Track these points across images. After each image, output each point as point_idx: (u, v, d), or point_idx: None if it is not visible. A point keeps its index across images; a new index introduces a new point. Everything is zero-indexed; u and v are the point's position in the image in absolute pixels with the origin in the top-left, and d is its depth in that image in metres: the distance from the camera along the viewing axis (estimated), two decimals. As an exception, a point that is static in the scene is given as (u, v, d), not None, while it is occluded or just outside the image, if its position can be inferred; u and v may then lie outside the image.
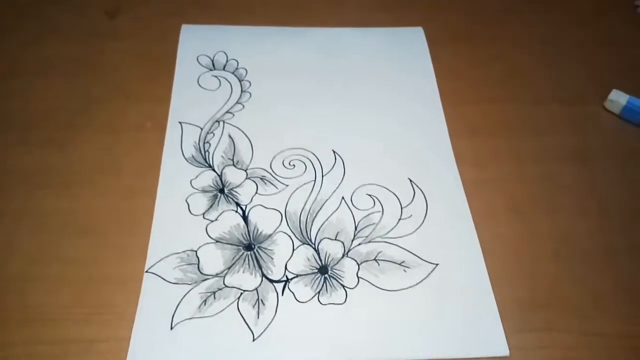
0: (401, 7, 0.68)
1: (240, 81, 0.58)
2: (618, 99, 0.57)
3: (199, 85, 0.57)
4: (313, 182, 0.50)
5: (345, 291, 0.43)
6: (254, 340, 0.41)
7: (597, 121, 0.57)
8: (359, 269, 0.45)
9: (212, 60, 0.60)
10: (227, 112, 0.55)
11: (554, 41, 0.65)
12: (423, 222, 0.48)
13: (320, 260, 0.45)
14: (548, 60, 0.63)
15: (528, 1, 0.70)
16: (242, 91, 0.57)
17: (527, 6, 0.69)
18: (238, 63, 0.60)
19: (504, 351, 0.41)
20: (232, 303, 0.42)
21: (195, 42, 0.61)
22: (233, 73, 0.59)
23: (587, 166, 0.53)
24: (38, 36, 0.61)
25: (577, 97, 0.59)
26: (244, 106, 0.56)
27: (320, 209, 0.48)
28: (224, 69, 0.59)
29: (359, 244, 0.46)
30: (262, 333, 0.41)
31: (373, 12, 0.67)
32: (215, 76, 0.58)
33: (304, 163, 0.52)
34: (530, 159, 0.54)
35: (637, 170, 0.54)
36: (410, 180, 0.51)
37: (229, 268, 0.44)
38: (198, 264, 0.44)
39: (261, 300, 0.43)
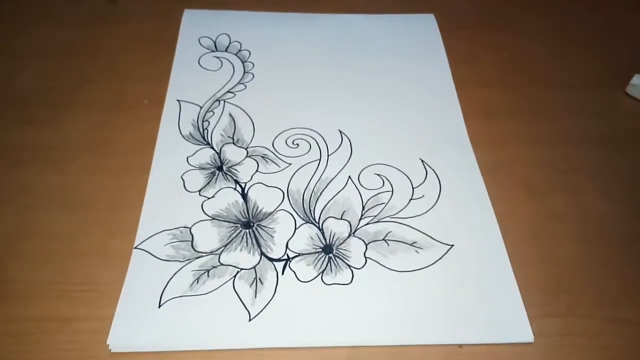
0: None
1: (243, 62, 0.55)
2: (641, 83, 0.54)
3: (200, 65, 0.55)
4: (318, 161, 0.47)
5: (352, 271, 0.40)
6: (250, 320, 0.37)
7: (618, 106, 0.54)
8: (366, 249, 0.41)
9: (215, 42, 0.57)
10: (229, 91, 0.52)
11: (567, 30, 0.63)
12: (436, 202, 0.44)
13: (325, 239, 0.42)
14: (561, 48, 0.60)
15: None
16: (244, 72, 0.54)
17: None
18: (241, 45, 0.57)
19: (528, 337, 0.37)
20: (227, 281, 0.39)
21: (198, 25, 0.59)
22: (236, 55, 0.56)
23: (608, 150, 0.50)
24: (36, 19, 0.60)
25: (595, 83, 0.56)
26: (246, 86, 0.53)
27: (325, 188, 0.45)
28: (226, 50, 0.57)
29: (367, 224, 0.43)
30: (259, 313, 0.37)
31: (382, 1, 0.65)
32: (217, 57, 0.56)
33: (309, 142, 0.48)
34: (548, 142, 0.50)
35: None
36: (422, 161, 0.47)
37: (225, 246, 0.41)
38: (192, 241, 0.41)
39: (259, 279, 0.39)
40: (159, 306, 0.37)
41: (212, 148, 0.47)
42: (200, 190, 0.44)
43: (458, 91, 0.54)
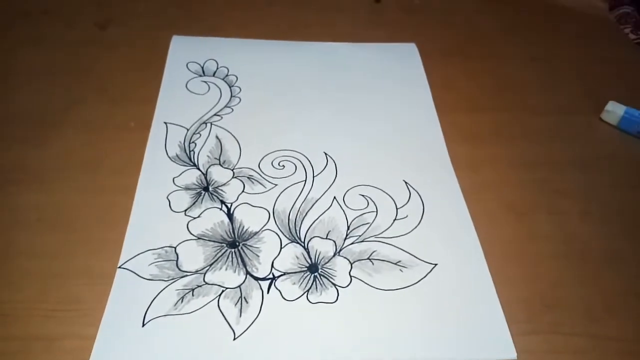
0: (393, 25, 0.68)
1: (230, 87, 0.56)
2: (615, 109, 0.56)
3: (188, 89, 0.56)
4: (303, 182, 0.48)
5: (337, 290, 0.40)
6: (234, 339, 0.37)
7: (593, 131, 0.56)
8: (351, 268, 0.41)
9: (202, 67, 0.58)
10: (216, 114, 0.53)
11: (545, 59, 0.65)
12: (420, 222, 0.45)
13: (310, 258, 0.42)
14: (540, 75, 0.63)
15: (518, 21, 0.71)
16: (231, 96, 0.55)
17: (517, 26, 0.70)
18: (228, 70, 0.58)
19: (511, 354, 0.37)
20: (212, 300, 0.39)
21: (186, 51, 0.60)
22: (223, 79, 0.57)
23: (586, 173, 0.52)
24: (26, 43, 0.60)
25: (572, 109, 0.59)
26: (233, 110, 0.54)
27: (311, 208, 0.45)
28: (213, 75, 0.58)
29: (352, 243, 0.43)
30: (244, 332, 0.37)
31: (366, 29, 0.67)
32: (205, 81, 0.57)
33: (294, 164, 0.49)
34: (527, 165, 0.52)
35: (638, 178, 0.52)
36: (406, 182, 0.48)
37: (211, 265, 0.41)
38: (177, 261, 0.41)
39: (244, 298, 0.39)
40: (143, 325, 0.37)
41: (199, 169, 0.48)
42: (185, 211, 0.44)
43: (439, 116, 0.55)
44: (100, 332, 0.36)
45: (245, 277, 0.40)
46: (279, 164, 0.49)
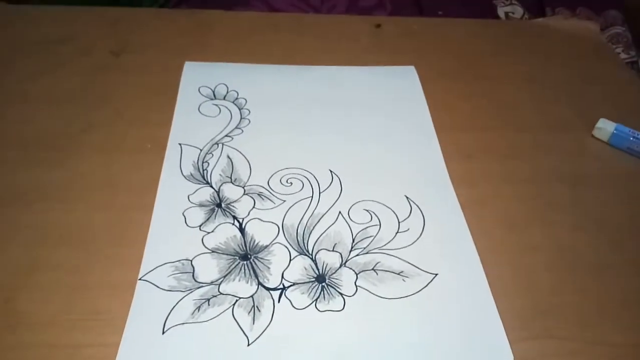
0: (392, 49, 0.71)
1: (239, 109, 0.60)
2: (606, 126, 0.59)
3: (200, 112, 0.59)
4: (310, 198, 0.50)
5: (344, 299, 0.42)
6: (248, 345, 0.39)
7: (586, 147, 0.59)
8: (357, 278, 0.44)
9: (213, 91, 0.62)
10: (226, 135, 0.56)
11: (539, 79, 0.68)
12: (420, 235, 0.48)
13: (318, 269, 0.45)
14: (534, 96, 0.66)
15: (513, 45, 0.74)
16: (241, 118, 0.59)
17: (512, 49, 0.73)
18: (238, 94, 0.62)
19: (509, 358, 0.40)
20: (226, 309, 0.41)
21: (198, 76, 0.64)
22: (233, 102, 0.61)
23: (578, 188, 0.54)
24: (45, 70, 0.64)
25: (565, 127, 0.61)
26: (242, 131, 0.57)
27: (318, 222, 0.48)
28: (224, 98, 0.61)
29: (357, 255, 0.46)
30: (257, 338, 0.39)
31: (367, 53, 0.70)
32: (216, 104, 0.60)
33: (301, 181, 0.52)
34: (523, 181, 0.54)
35: (629, 192, 0.54)
36: (407, 197, 0.51)
37: (225, 276, 0.43)
38: (193, 273, 0.43)
39: (257, 307, 0.41)
40: (163, 332, 0.39)
41: (212, 187, 0.51)
42: (200, 226, 0.47)
43: (438, 135, 0.58)
44: (124, 340, 0.39)
45: (257, 288, 0.43)
46: (286, 181, 0.52)
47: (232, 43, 0.70)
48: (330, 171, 0.53)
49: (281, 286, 0.43)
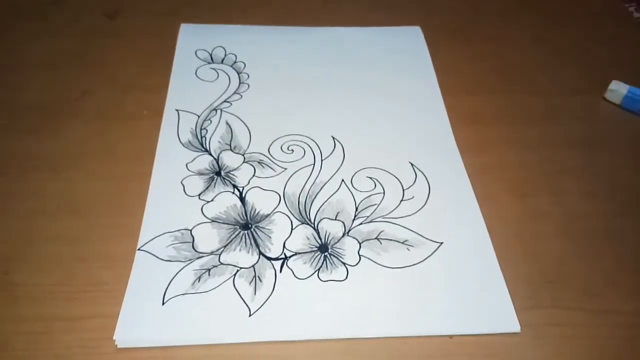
0: (397, 8, 0.68)
1: (238, 73, 0.58)
2: (619, 88, 0.57)
3: (197, 76, 0.57)
4: (312, 165, 0.49)
5: (347, 268, 0.42)
6: (250, 315, 0.38)
7: (597, 111, 0.57)
8: (360, 247, 0.43)
9: (211, 55, 0.60)
10: (225, 101, 0.55)
11: (548, 40, 0.66)
12: (425, 203, 0.47)
13: (320, 239, 0.44)
14: (544, 57, 0.63)
15: (521, 4, 0.71)
16: (240, 82, 0.57)
17: (520, 8, 0.70)
18: (236, 57, 0.60)
19: (515, 327, 0.39)
20: (227, 280, 0.40)
21: (194, 39, 0.61)
22: (231, 66, 0.59)
23: (589, 152, 0.53)
24: (36, 34, 0.62)
25: (575, 89, 0.59)
26: (241, 96, 0.55)
27: (320, 190, 0.47)
28: (222, 62, 0.59)
29: (360, 224, 0.45)
30: (259, 308, 0.39)
31: (370, 13, 0.67)
32: (214, 69, 0.58)
33: (303, 148, 0.51)
34: (532, 146, 0.53)
35: (640, 156, 0.53)
36: (412, 164, 0.50)
37: (225, 246, 0.42)
38: (192, 243, 0.43)
39: (258, 277, 0.41)
40: (163, 303, 0.39)
41: (211, 155, 0.49)
42: (199, 195, 0.46)
43: (444, 99, 0.56)
44: (123, 311, 0.38)
45: (259, 258, 0.42)
46: (288, 149, 0.50)
47: (230, 4, 0.67)
48: (333, 138, 0.52)
49: (283, 256, 0.42)
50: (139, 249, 0.42)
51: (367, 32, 0.64)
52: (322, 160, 0.49)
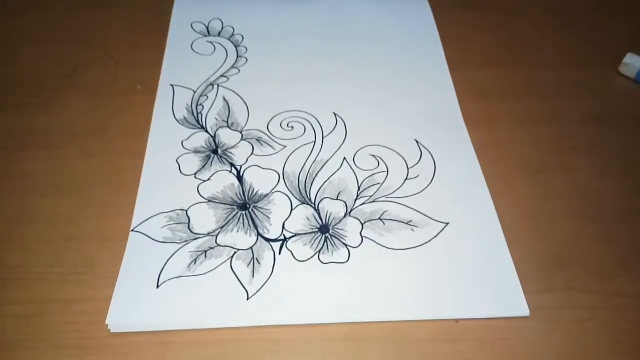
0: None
1: (236, 47, 0.55)
2: (633, 62, 0.54)
3: (193, 50, 0.55)
4: (313, 143, 0.47)
5: (348, 250, 0.40)
6: (247, 299, 0.37)
7: (611, 84, 0.55)
8: (362, 228, 0.41)
9: (207, 27, 0.57)
10: (222, 75, 0.52)
11: (560, 10, 0.63)
12: (431, 182, 0.45)
13: (321, 219, 0.42)
14: (554, 28, 0.60)
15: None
16: (237, 56, 0.54)
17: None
18: (234, 29, 0.57)
19: (524, 311, 0.37)
20: (224, 262, 0.39)
21: (190, 10, 0.59)
22: (229, 39, 0.56)
23: (602, 128, 0.50)
24: (27, 7, 0.59)
25: (588, 62, 0.57)
26: (239, 70, 0.53)
27: (321, 169, 0.45)
28: (219, 35, 0.57)
29: (363, 204, 0.43)
30: (257, 292, 0.37)
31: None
32: (210, 42, 0.56)
33: (303, 125, 0.49)
34: (542, 121, 0.51)
35: (656, 132, 0.51)
36: (417, 141, 0.47)
37: (222, 227, 0.41)
38: (188, 223, 0.41)
39: (256, 259, 0.39)
40: (157, 286, 0.37)
41: (207, 132, 0.48)
42: (195, 174, 0.44)
43: (451, 73, 0.54)
44: (116, 294, 0.37)
45: (257, 239, 0.40)
46: (287, 125, 0.48)
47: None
48: (335, 114, 0.49)
49: (282, 237, 0.40)
50: (132, 230, 0.40)
51: (370, 2, 0.61)
52: (323, 138, 0.47)
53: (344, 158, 0.46)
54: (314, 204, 0.43)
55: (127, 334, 0.35)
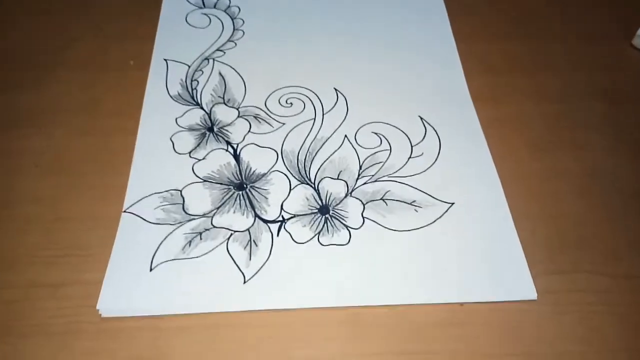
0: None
1: (232, 19, 0.53)
2: (648, 34, 0.52)
3: (187, 23, 0.52)
4: (313, 120, 0.45)
5: (349, 232, 0.38)
6: (245, 282, 0.36)
7: (624, 58, 0.52)
8: (364, 209, 0.40)
9: (202, -1, 0.55)
10: (218, 49, 0.50)
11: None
12: (436, 160, 0.43)
13: (321, 200, 0.40)
14: (565, 1, 0.58)
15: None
16: (234, 29, 0.52)
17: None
18: (230, 1, 0.55)
19: (531, 294, 0.36)
20: (220, 244, 0.37)
21: (184, -18, 0.56)
22: (225, 11, 0.54)
23: (614, 104, 0.48)
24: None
25: (600, 35, 0.54)
26: (236, 44, 0.51)
27: (321, 147, 0.43)
28: (214, 7, 0.54)
29: (364, 184, 0.41)
30: (254, 275, 0.36)
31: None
32: (205, 14, 0.53)
33: (303, 101, 0.47)
34: (551, 96, 0.49)
35: (671, 109, 0.49)
36: (421, 118, 0.46)
37: (218, 208, 0.39)
38: (183, 204, 0.39)
39: (254, 241, 0.38)
40: (151, 270, 0.36)
41: (202, 108, 0.46)
42: (190, 152, 0.43)
43: (458, 46, 0.52)
44: (107, 278, 0.35)
45: (254, 220, 0.39)
46: (286, 102, 0.46)
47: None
48: (335, 89, 0.47)
49: (280, 218, 0.39)
50: (124, 211, 0.39)
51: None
52: (323, 115, 0.46)
53: (345, 136, 0.44)
54: (314, 183, 0.41)
55: (119, 319, 0.34)
